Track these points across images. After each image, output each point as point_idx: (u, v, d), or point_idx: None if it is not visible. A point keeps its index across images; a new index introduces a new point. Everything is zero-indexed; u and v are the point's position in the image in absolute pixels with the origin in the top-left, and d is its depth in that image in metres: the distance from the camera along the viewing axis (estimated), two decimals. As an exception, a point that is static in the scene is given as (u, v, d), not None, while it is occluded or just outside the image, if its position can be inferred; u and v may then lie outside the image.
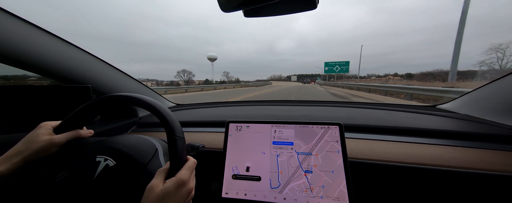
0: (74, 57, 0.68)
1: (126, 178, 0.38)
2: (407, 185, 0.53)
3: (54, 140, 0.39)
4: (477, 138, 0.59)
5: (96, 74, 0.75)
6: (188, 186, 0.36)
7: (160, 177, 0.35)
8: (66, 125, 0.42)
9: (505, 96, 0.64)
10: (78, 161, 0.40)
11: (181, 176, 0.35)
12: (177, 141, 0.37)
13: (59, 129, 0.42)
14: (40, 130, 0.39)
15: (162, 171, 0.36)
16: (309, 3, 0.38)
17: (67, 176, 0.37)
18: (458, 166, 0.48)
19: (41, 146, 0.37)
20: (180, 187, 0.34)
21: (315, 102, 1.12)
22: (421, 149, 0.54)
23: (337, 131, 0.50)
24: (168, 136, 0.37)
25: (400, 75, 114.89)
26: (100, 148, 0.42)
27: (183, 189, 0.35)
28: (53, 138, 0.39)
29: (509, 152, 0.51)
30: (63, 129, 0.42)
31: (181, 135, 0.38)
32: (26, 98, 0.56)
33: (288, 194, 0.47)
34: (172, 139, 0.37)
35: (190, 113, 1.03)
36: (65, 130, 0.42)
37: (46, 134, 0.39)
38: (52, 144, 0.39)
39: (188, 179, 0.36)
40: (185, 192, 0.35)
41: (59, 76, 0.65)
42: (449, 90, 3.96)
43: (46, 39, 0.60)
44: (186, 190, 0.35)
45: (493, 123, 0.63)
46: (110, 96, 0.41)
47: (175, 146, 0.37)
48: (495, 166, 0.47)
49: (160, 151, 0.47)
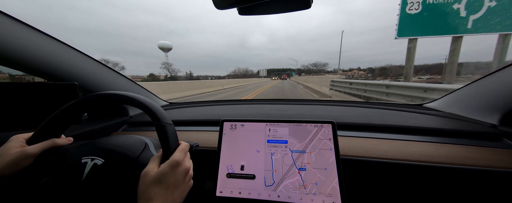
0: (59, 53, 0.65)
1: (118, 173, 0.37)
2: (396, 181, 0.55)
3: (26, 152, 0.36)
4: (461, 135, 0.62)
5: (83, 71, 0.72)
6: (183, 166, 0.35)
7: (155, 163, 0.35)
8: (40, 135, 0.40)
9: (485, 95, 0.68)
10: (62, 166, 0.38)
11: (175, 158, 0.34)
12: (165, 127, 0.37)
13: (33, 139, 0.39)
14: (11, 143, 0.37)
15: (155, 158, 0.36)
16: (303, 2, 0.39)
17: (51, 180, 0.36)
18: (443, 162, 0.50)
19: (12, 159, 0.35)
20: (175, 167, 0.34)
21: (309, 101, 1.14)
22: (409, 146, 0.56)
23: (330, 129, 0.51)
24: (155, 124, 0.37)
25: (363, 70, 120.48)
26: (84, 151, 0.40)
27: (179, 169, 0.34)
28: (25, 149, 0.36)
29: (489, 148, 0.54)
30: (37, 139, 0.39)
31: (169, 122, 0.38)
32: (6, 96, 0.53)
33: (282, 191, 0.48)
34: (160, 126, 0.37)
35: (184, 112, 1.01)
36: (39, 139, 0.39)
37: (17, 146, 0.37)
38: (25, 156, 0.36)
39: (183, 160, 0.36)
40: (182, 172, 0.35)
41: (43, 73, 0.62)
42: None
43: (29, 34, 0.56)
44: (183, 170, 0.35)
45: (475, 121, 0.67)
46: (94, 95, 0.39)
47: (164, 132, 0.36)
48: (477, 161, 0.49)
49: (151, 145, 0.47)
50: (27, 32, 0.56)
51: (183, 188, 0.36)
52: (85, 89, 0.73)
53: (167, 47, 57.63)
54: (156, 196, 0.31)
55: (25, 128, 0.53)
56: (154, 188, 0.31)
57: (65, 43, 0.66)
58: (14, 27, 0.53)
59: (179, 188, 0.34)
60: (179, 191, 0.34)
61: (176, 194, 0.33)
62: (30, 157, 0.37)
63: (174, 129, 0.39)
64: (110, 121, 0.82)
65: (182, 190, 0.35)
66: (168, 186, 0.32)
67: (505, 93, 0.60)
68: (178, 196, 0.34)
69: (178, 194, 0.34)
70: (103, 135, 0.75)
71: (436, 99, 0.92)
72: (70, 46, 0.68)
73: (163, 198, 0.31)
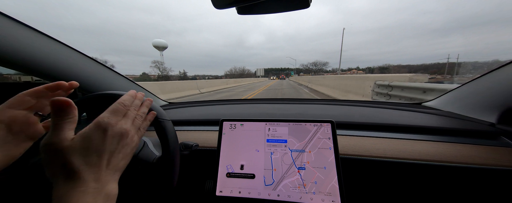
0: (58, 53, 0.64)
1: None
2: (395, 180, 0.55)
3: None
4: (459, 134, 0.62)
5: (82, 71, 0.72)
6: (116, 128, 0.29)
7: (66, 129, 0.27)
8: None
9: (483, 93, 0.68)
10: None
11: (103, 118, 0.29)
12: (162, 123, 0.37)
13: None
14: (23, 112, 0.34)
15: (61, 125, 0.27)
16: (302, 1, 0.39)
17: (40, 160, 0.36)
18: (442, 160, 0.50)
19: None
20: (103, 130, 0.28)
21: (308, 100, 1.14)
22: (408, 145, 0.57)
23: (329, 128, 0.51)
24: (153, 121, 0.37)
25: (362, 69, 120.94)
26: None
27: (109, 132, 0.28)
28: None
29: (487, 147, 0.55)
30: (37, 140, 0.39)
31: (166, 118, 0.38)
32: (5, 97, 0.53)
33: (282, 190, 0.48)
34: (157, 122, 0.37)
35: (183, 112, 1.01)
36: (39, 140, 0.39)
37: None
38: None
39: (114, 124, 0.29)
40: (116, 136, 0.29)
41: (42, 73, 0.62)
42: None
43: (27, 34, 0.56)
44: (116, 134, 0.29)
45: (473, 119, 0.67)
46: (92, 95, 0.39)
47: (162, 128, 0.36)
48: (475, 159, 0.50)
49: (149, 143, 0.47)
50: (26, 32, 0.56)
51: (124, 151, 0.30)
52: (84, 89, 0.73)
53: (162, 45, 53.43)
54: (81, 167, 0.25)
55: None
56: (76, 159, 0.25)
57: (64, 43, 0.66)
58: (12, 27, 0.53)
59: (116, 154, 0.29)
60: (119, 156, 0.29)
61: (115, 160, 0.28)
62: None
63: (172, 125, 0.39)
64: None
65: (123, 154, 0.30)
66: (99, 153, 0.27)
67: (503, 92, 0.61)
68: (120, 161, 0.29)
69: (118, 159, 0.29)
70: None
71: (435, 98, 0.92)
72: (69, 46, 0.67)
73: (95, 167, 0.26)
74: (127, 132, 0.31)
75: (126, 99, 0.33)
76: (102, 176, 0.26)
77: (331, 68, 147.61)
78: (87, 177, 0.25)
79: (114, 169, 0.28)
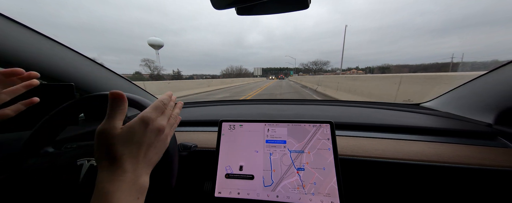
0: (56, 53, 0.64)
1: None
2: (394, 180, 0.55)
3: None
4: (457, 135, 0.63)
5: (80, 71, 0.71)
6: (156, 124, 0.32)
7: (116, 119, 0.30)
8: (36, 136, 0.41)
9: (481, 94, 0.69)
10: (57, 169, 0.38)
11: (146, 114, 0.31)
12: None
13: (30, 141, 0.39)
14: None
15: (114, 115, 0.31)
16: (301, 2, 0.39)
17: (49, 182, 0.36)
18: (440, 161, 0.51)
19: None
20: (145, 124, 0.30)
21: (307, 101, 1.14)
22: (407, 146, 0.57)
23: (328, 129, 0.51)
24: None
25: (362, 69, 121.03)
26: (79, 153, 0.40)
27: (150, 126, 0.31)
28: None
29: (485, 147, 0.55)
30: (34, 141, 0.40)
31: None
32: None
33: (281, 191, 0.48)
34: None
35: (182, 113, 1.01)
36: (36, 141, 0.40)
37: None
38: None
39: (155, 118, 0.32)
40: (154, 130, 0.32)
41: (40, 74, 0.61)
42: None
43: (24, 34, 0.56)
44: (155, 128, 0.32)
45: (471, 120, 0.68)
46: (89, 96, 0.39)
47: None
48: (473, 160, 0.50)
49: None
50: (23, 32, 0.55)
51: (158, 146, 0.33)
52: (82, 89, 0.73)
53: (158, 44, 50.13)
54: (123, 156, 0.28)
55: (22, 129, 0.52)
56: (121, 148, 0.28)
57: (61, 43, 0.65)
58: (9, 27, 0.52)
59: (153, 148, 0.31)
60: (154, 150, 0.32)
61: (151, 153, 0.31)
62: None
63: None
64: None
65: (157, 149, 0.33)
66: (140, 145, 0.29)
67: (500, 93, 0.61)
68: (154, 155, 0.32)
69: (154, 153, 0.32)
70: None
71: (433, 99, 0.93)
72: (67, 46, 0.67)
73: (134, 158, 0.29)
74: (163, 128, 0.33)
75: (164, 98, 0.36)
76: (138, 167, 0.29)
77: (330, 67, 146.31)
78: (126, 167, 0.27)
79: (149, 162, 0.31)
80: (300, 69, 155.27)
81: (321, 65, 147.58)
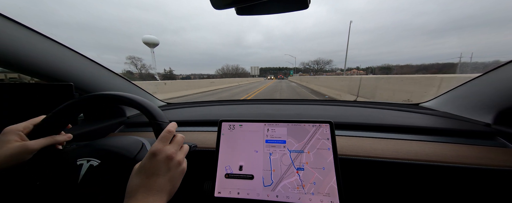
0: (55, 53, 0.64)
1: (116, 173, 0.37)
2: (393, 180, 0.55)
3: (28, 146, 0.35)
4: (456, 134, 0.63)
5: (79, 71, 0.71)
6: (163, 154, 0.34)
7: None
8: (42, 129, 0.39)
9: (480, 94, 0.69)
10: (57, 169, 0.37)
11: (152, 148, 0.34)
12: (161, 126, 0.37)
13: (34, 133, 0.38)
14: (10, 136, 0.36)
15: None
16: (301, 2, 0.39)
17: (46, 182, 0.35)
18: (439, 160, 0.51)
19: (13, 153, 0.34)
20: (152, 157, 0.33)
21: (307, 100, 1.14)
22: (406, 145, 0.57)
23: (328, 128, 0.51)
24: (152, 123, 0.37)
25: (363, 69, 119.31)
26: (80, 152, 0.40)
27: (158, 157, 0.33)
28: (27, 144, 0.36)
29: (484, 147, 0.55)
30: (38, 133, 0.39)
31: (165, 120, 0.38)
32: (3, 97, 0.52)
33: (281, 191, 0.48)
34: (156, 125, 0.37)
35: (182, 112, 1.01)
36: (41, 134, 0.39)
37: (18, 139, 0.36)
38: (26, 151, 0.35)
39: (161, 148, 0.34)
40: (162, 160, 0.34)
41: (39, 73, 0.61)
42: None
43: (24, 34, 0.56)
44: (163, 158, 0.34)
45: (470, 120, 0.68)
46: (89, 96, 0.39)
47: (161, 131, 0.36)
48: (472, 160, 0.50)
49: (148, 144, 0.47)
50: (22, 32, 0.55)
51: (171, 175, 0.34)
52: (81, 89, 0.72)
53: (152, 42, 45.85)
54: (136, 188, 0.31)
55: None
56: (134, 180, 0.32)
57: (60, 43, 0.65)
58: (9, 27, 0.52)
59: (162, 176, 0.33)
60: (164, 178, 0.33)
61: (160, 181, 0.32)
62: (31, 152, 0.36)
63: None
64: (106, 122, 0.81)
65: (169, 177, 0.34)
66: (148, 175, 0.32)
67: (498, 93, 0.61)
68: (166, 184, 0.33)
69: (164, 182, 0.33)
70: (100, 136, 0.75)
71: (432, 99, 0.93)
72: (66, 46, 0.67)
73: (144, 187, 0.31)
74: (172, 155, 0.35)
75: (172, 127, 0.38)
76: (150, 195, 0.31)
77: (330, 68, 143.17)
78: (138, 196, 0.30)
79: (162, 191, 0.33)
80: (300, 69, 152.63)
81: (323, 64, 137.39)
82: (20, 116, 0.54)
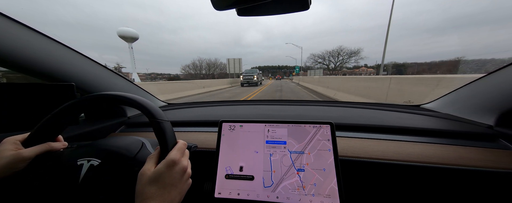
0: (56, 53, 0.64)
1: (116, 172, 0.37)
2: (394, 181, 0.55)
3: (21, 155, 0.35)
4: (457, 136, 0.62)
5: (80, 71, 0.72)
6: (180, 165, 0.35)
7: (151, 162, 0.35)
8: (36, 137, 0.39)
9: (481, 96, 0.68)
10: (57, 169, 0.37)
11: (171, 157, 0.34)
12: (161, 124, 0.37)
13: (28, 141, 0.38)
14: (4, 145, 0.36)
15: (152, 157, 0.36)
16: (301, 3, 0.39)
17: (47, 183, 0.35)
18: (440, 162, 0.50)
19: (6, 162, 0.34)
20: (171, 166, 0.34)
21: (308, 101, 1.14)
22: (407, 147, 0.57)
23: (328, 130, 0.51)
24: (151, 122, 0.37)
25: (371, 67, 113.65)
26: (80, 152, 0.40)
27: (176, 168, 0.34)
28: (20, 152, 0.35)
29: (485, 149, 0.55)
30: (33, 141, 0.38)
31: (165, 119, 0.38)
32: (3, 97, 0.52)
33: (281, 192, 0.48)
34: (156, 123, 0.36)
35: (182, 113, 1.01)
36: (35, 141, 0.38)
37: (12, 148, 0.36)
38: (19, 159, 0.35)
39: (179, 159, 0.35)
40: (179, 171, 0.35)
41: (40, 74, 0.62)
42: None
43: (25, 34, 0.56)
44: (180, 169, 0.35)
45: (471, 121, 0.68)
46: (86, 97, 0.39)
47: (161, 129, 0.36)
48: (473, 162, 0.50)
49: (148, 144, 0.47)
50: (23, 32, 0.56)
51: (181, 187, 0.35)
52: (82, 89, 0.73)
53: (130, 36, 33.64)
54: (152, 196, 0.31)
55: (23, 129, 0.52)
56: (150, 188, 0.31)
57: (62, 43, 0.65)
58: (10, 27, 0.52)
59: (176, 187, 0.34)
60: (177, 190, 0.34)
61: (173, 193, 0.33)
62: (25, 161, 0.36)
63: (171, 126, 0.39)
64: (107, 122, 0.82)
65: (180, 189, 0.35)
66: (165, 185, 0.32)
67: (501, 94, 0.61)
68: (176, 195, 0.34)
69: (176, 193, 0.34)
70: (100, 136, 0.75)
71: (433, 100, 0.93)
72: (67, 46, 0.67)
73: (161, 197, 0.31)
74: (186, 168, 0.36)
75: (184, 141, 0.40)
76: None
77: (355, 62, 71.98)
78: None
79: (172, 202, 0.33)
80: (309, 67, 78.85)
81: (346, 57, 69.97)
82: (21, 116, 0.54)
